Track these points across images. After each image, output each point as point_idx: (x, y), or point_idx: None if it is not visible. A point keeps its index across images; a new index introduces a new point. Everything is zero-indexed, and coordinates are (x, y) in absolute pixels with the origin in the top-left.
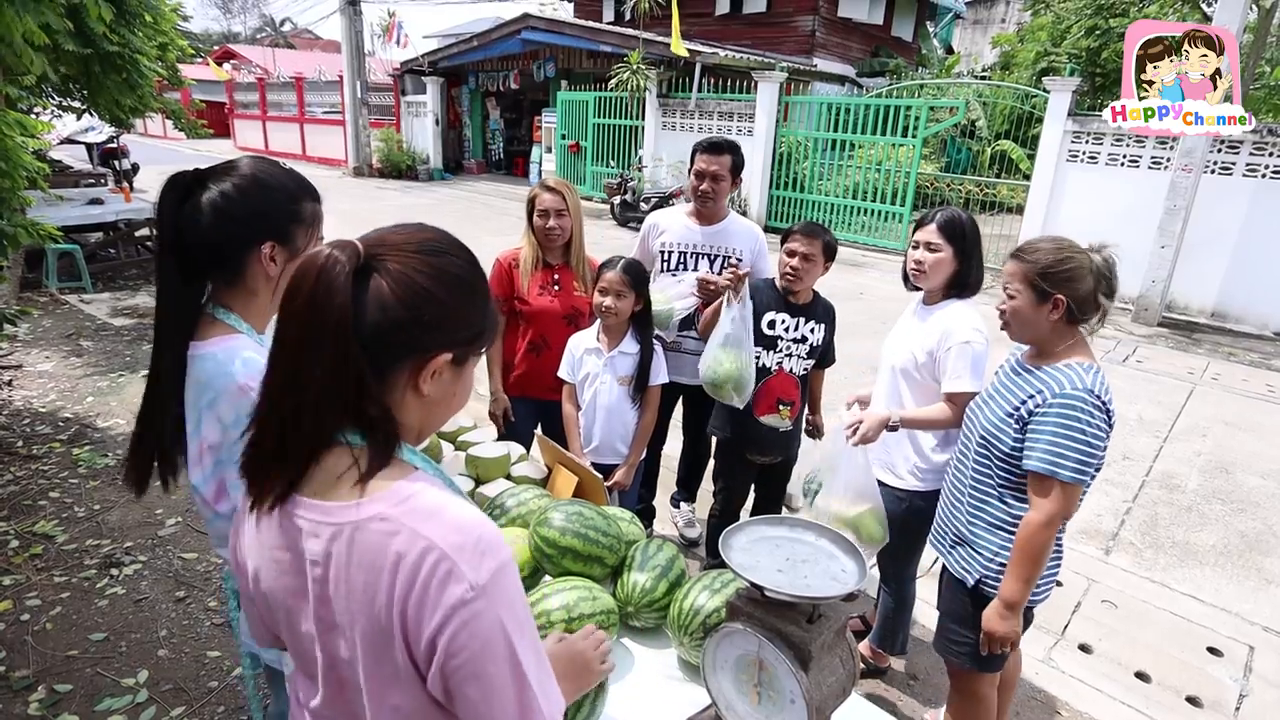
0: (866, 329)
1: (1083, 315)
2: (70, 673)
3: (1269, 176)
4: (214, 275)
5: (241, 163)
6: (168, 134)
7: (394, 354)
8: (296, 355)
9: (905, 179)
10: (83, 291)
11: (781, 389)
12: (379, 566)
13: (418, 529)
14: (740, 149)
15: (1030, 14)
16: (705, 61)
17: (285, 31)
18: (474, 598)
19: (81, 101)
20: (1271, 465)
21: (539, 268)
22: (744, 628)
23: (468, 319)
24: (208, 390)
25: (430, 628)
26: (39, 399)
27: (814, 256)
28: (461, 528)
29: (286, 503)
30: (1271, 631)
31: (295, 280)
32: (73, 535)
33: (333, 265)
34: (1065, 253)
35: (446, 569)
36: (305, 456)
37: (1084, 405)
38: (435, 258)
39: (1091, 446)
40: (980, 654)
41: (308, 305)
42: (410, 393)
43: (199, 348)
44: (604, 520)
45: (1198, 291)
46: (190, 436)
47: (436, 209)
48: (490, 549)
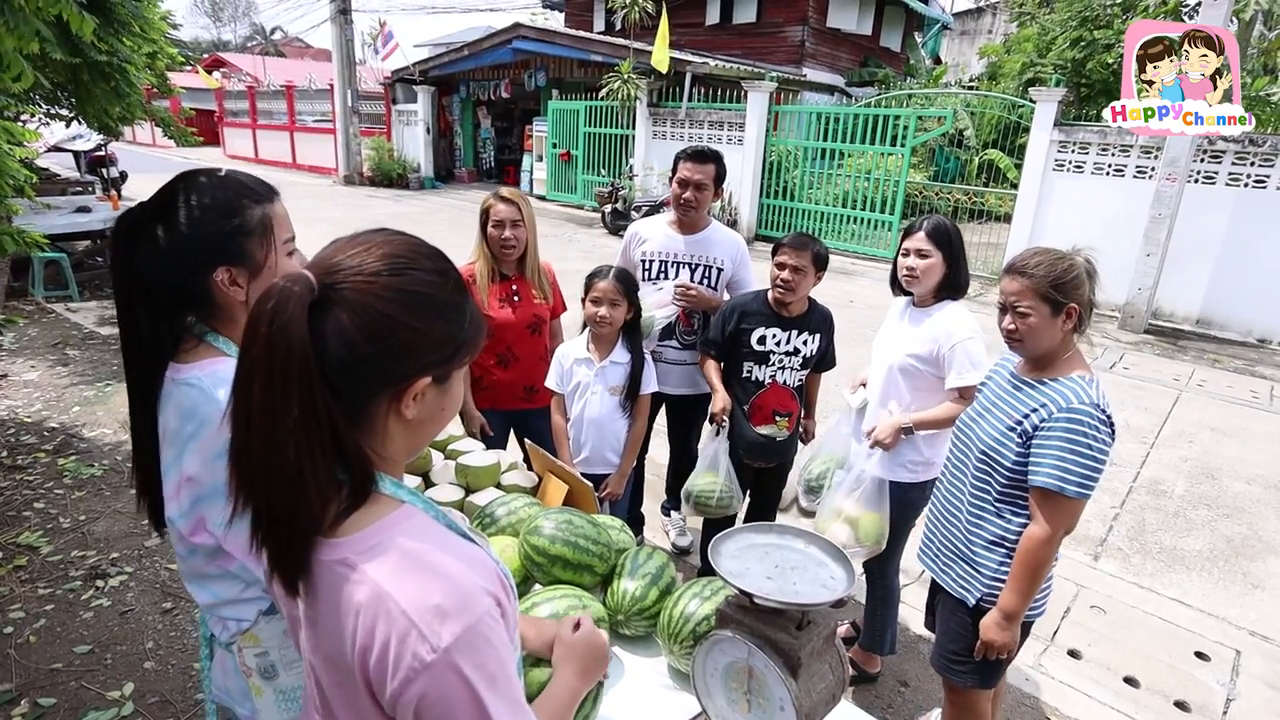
0: (856, 336)
1: (1086, 321)
2: (54, 686)
3: (1251, 186)
4: (187, 312)
5: (173, 188)
6: (157, 142)
7: (367, 389)
8: (266, 414)
9: (894, 188)
10: (69, 300)
11: (776, 401)
12: (342, 613)
13: (380, 584)
14: (723, 159)
15: (1016, 25)
16: (695, 71)
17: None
18: (435, 660)
19: (69, 109)
20: (1256, 470)
21: (495, 280)
22: (733, 635)
23: (444, 336)
24: (191, 419)
25: (392, 687)
26: (24, 409)
27: (804, 268)
28: (426, 586)
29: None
30: (1258, 635)
31: (250, 326)
32: (58, 546)
33: (285, 305)
34: (1064, 261)
35: (404, 629)
36: (307, 537)
37: (1090, 420)
38: (396, 277)
39: (1097, 461)
40: (982, 671)
41: (265, 354)
42: (394, 420)
43: (181, 371)
44: (594, 528)
45: (1183, 299)
46: (168, 467)
47: (427, 218)
48: (456, 610)
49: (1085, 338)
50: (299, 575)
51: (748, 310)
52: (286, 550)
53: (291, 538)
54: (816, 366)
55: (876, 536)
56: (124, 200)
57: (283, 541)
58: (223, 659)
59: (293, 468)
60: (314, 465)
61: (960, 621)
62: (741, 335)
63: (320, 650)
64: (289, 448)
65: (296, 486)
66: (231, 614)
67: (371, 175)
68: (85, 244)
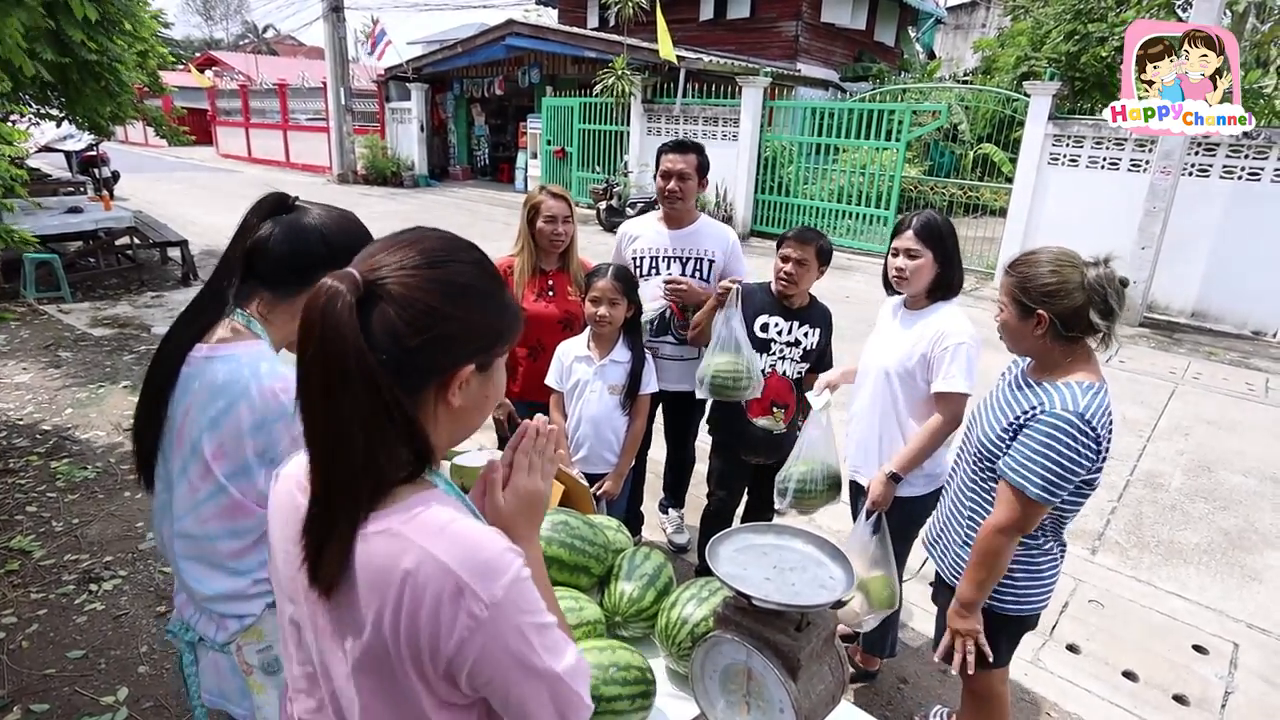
0: (853, 332)
1: (1069, 332)
2: (47, 692)
3: (1245, 178)
4: (276, 285)
5: (325, 206)
6: (149, 141)
7: (416, 379)
8: (333, 408)
9: (889, 182)
10: (61, 301)
11: (775, 391)
12: (384, 583)
13: (427, 547)
14: (704, 149)
15: (1010, 19)
16: (690, 67)
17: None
18: (489, 616)
19: (60, 109)
20: (1252, 463)
21: (534, 274)
22: (732, 637)
23: (485, 325)
24: (220, 395)
25: (449, 648)
26: (16, 411)
27: (807, 261)
28: (472, 545)
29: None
30: (1255, 628)
31: (303, 329)
32: (50, 550)
33: (334, 302)
34: (1053, 267)
35: (456, 588)
36: (379, 496)
37: (1068, 428)
38: (437, 269)
39: (1065, 469)
40: (984, 656)
41: (321, 351)
42: (441, 408)
43: (218, 349)
44: (590, 529)
45: (1178, 292)
46: (191, 450)
47: (422, 215)
48: (501, 567)
49: (1097, 345)
50: (344, 558)
51: (754, 296)
52: (333, 534)
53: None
54: (816, 366)
55: (889, 598)
56: (116, 201)
57: (334, 524)
58: (215, 661)
59: (362, 454)
60: (388, 451)
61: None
62: (745, 320)
63: (348, 641)
64: (358, 437)
65: (368, 471)
66: (235, 610)
67: (366, 173)
68: (77, 245)
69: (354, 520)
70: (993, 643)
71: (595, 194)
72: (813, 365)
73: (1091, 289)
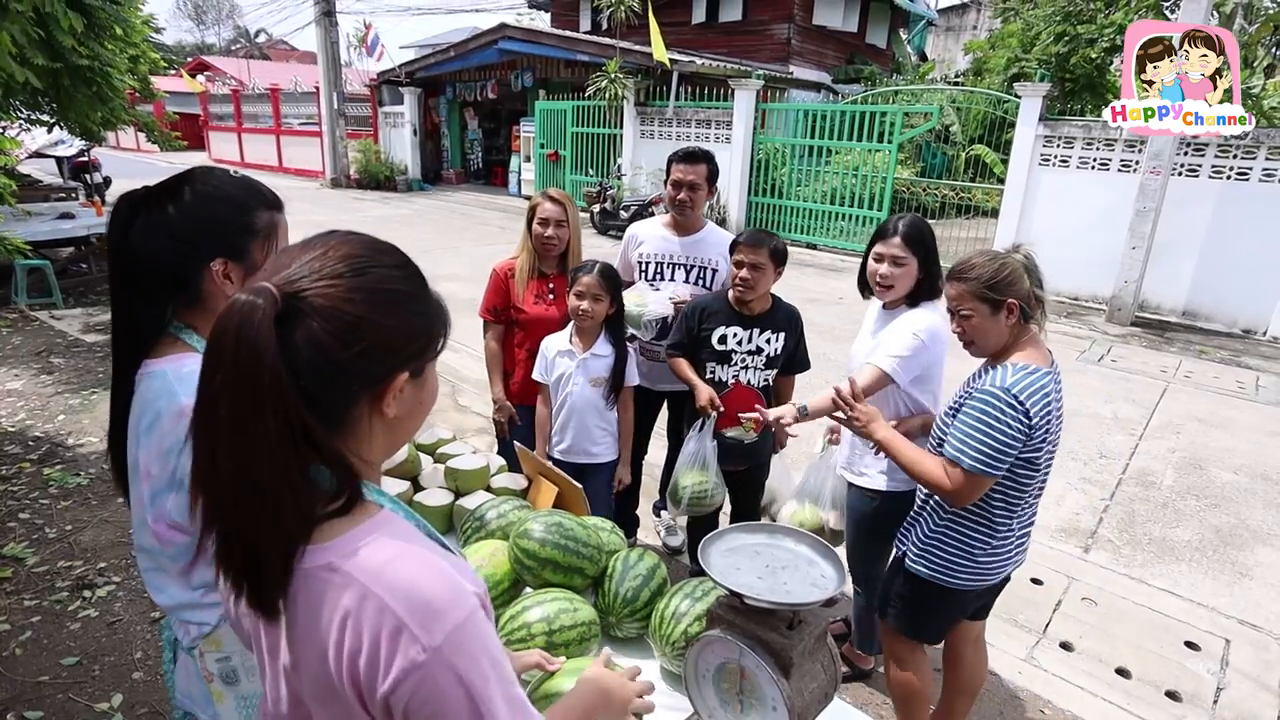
0: (847, 333)
1: (1030, 311)
2: (41, 699)
3: (1234, 178)
4: (171, 297)
5: (187, 176)
6: (141, 147)
7: (347, 394)
8: (237, 435)
9: (882, 184)
10: (53, 307)
11: (741, 402)
12: (326, 619)
13: (368, 585)
14: (715, 158)
15: (1001, 21)
16: (682, 70)
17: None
18: (426, 660)
19: (51, 115)
20: (1243, 460)
21: (534, 277)
22: (725, 636)
23: (416, 330)
24: (148, 411)
25: (383, 689)
26: (8, 418)
27: (762, 265)
28: (414, 584)
29: None
30: (1247, 624)
31: (213, 344)
32: (43, 557)
33: (251, 319)
34: (998, 260)
35: (395, 628)
36: (288, 555)
37: (995, 401)
38: (360, 277)
39: (998, 440)
40: (903, 615)
41: (234, 373)
42: (375, 420)
43: (149, 365)
44: (584, 530)
45: (1169, 291)
46: (133, 462)
47: (415, 220)
48: (446, 606)
49: (1040, 324)
50: (278, 593)
51: (709, 310)
52: (263, 569)
53: (271, 555)
54: (787, 368)
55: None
56: (108, 206)
57: (259, 562)
58: (185, 663)
59: (269, 487)
60: (292, 482)
61: (895, 565)
62: (703, 335)
63: (301, 669)
64: (263, 468)
65: (275, 505)
66: (193, 617)
67: (359, 178)
68: (69, 250)
69: (283, 552)
70: (911, 608)
71: (589, 197)
72: (783, 368)
73: (1028, 268)
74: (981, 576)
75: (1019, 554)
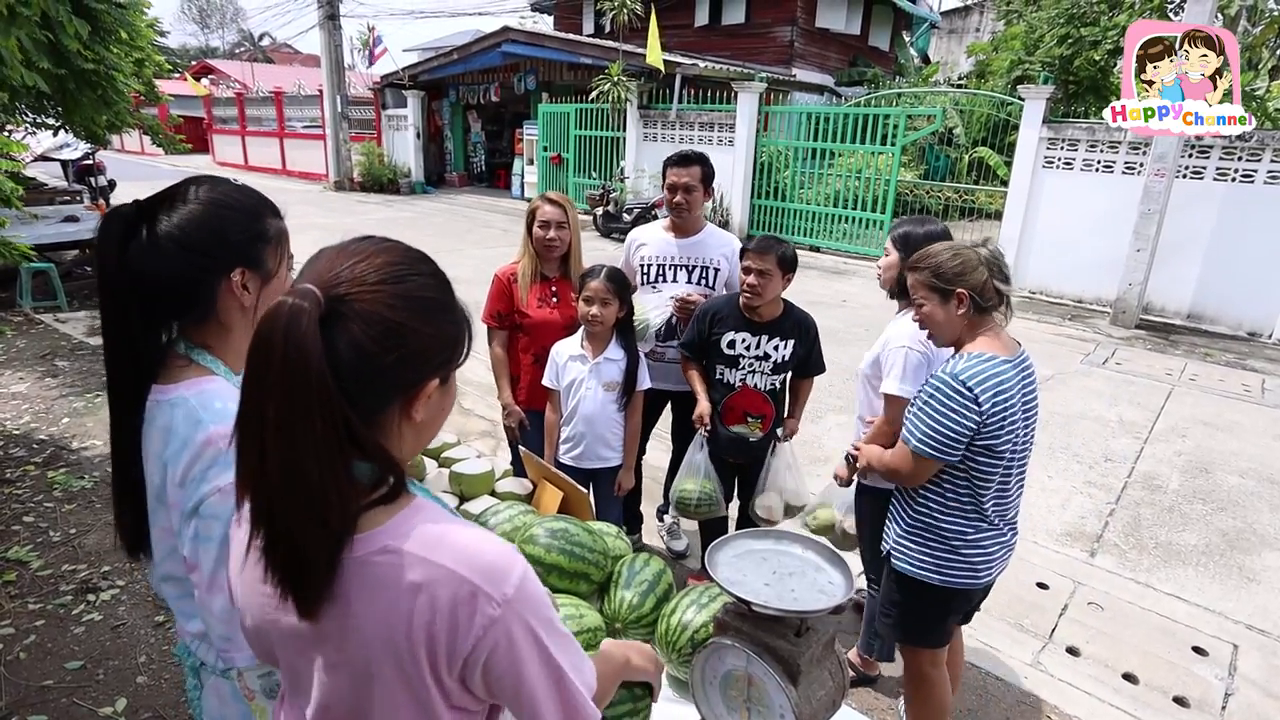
0: (849, 336)
1: (986, 303)
2: (45, 703)
3: (1238, 180)
4: (181, 315)
5: (185, 186)
6: (145, 150)
7: (380, 399)
8: (285, 436)
9: (885, 186)
10: (58, 310)
11: (748, 404)
12: (391, 599)
13: (430, 558)
14: (708, 159)
15: (1004, 23)
16: (685, 72)
17: (264, 46)
18: (501, 614)
19: (56, 119)
20: (1249, 464)
21: (537, 280)
22: (732, 643)
23: (447, 338)
24: (174, 439)
25: (465, 649)
26: (12, 421)
27: (769, 271)
28: (472, 549)
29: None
30: (1255, 629)
31: (259, 347)
32: (48, 560)
33: (298, 322)
34: (952, 251)
35: (470, 592)
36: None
37: (943, 386)
38: (399, 284)
39: (944, 425)
40: (903, 625)
41: (282, 374)
42: (404, 423)
43: (167, 391)
44: (589, 536)
45: (1174, 293)
46: (156, 495)
47: (419, 222)
48: (507, 565)
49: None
50: (326, 590)
51: (720, 314)
52: (310, 568)
53: (318, 554)
54: (801, 371)
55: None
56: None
57: (307, 561)
58: (218, 686)
59: (316, 486)
60: (337, 480)
61: (888, 571)
62: (713, 339)
63: (350, 658)
64: (311, 469)
65: (322, 504)
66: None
67: (362, 181)
68: (74, 253)
69: (330, 549)
70: (909, 611)
71: (592, 200)
72: (797, 371)
73: (989, 262)
74: (970, 573)
75: (1006, 552)
